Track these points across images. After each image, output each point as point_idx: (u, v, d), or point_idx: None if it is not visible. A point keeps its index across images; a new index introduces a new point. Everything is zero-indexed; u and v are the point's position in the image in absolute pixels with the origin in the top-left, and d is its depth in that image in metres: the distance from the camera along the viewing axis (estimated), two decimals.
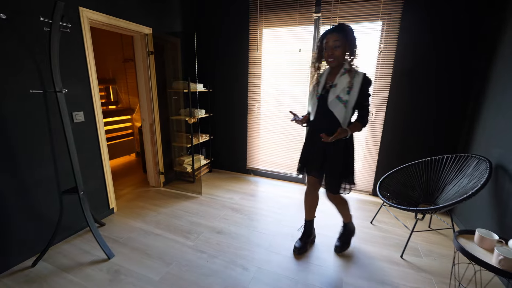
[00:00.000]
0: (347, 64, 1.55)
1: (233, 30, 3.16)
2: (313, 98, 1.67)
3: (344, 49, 1.52)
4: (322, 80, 1.65)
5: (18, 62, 1.62)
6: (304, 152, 1.85)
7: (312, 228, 2.02)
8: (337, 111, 1.54)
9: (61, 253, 1.86)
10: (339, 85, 1.54)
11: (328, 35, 1.52)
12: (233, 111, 3.45)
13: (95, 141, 2.21)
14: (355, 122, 1.62)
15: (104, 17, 2.15)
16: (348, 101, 1.52)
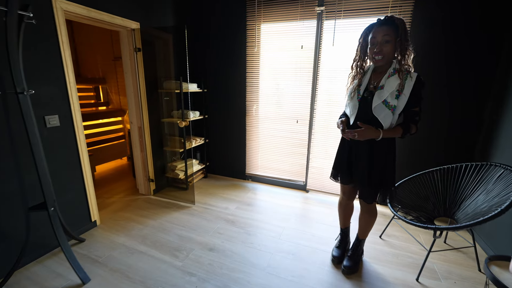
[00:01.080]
0: (397, 63, 1.34)
1: (230, 25, 2.93)
2: (353, 100, 1.46)
3: (395, 45, 1.31)
4: (365, 80, 1.45)
5: None
6: (338, 157, 1.68)
7: (348, 235, 1.89)
8: (382, 117, 1.34)
9: (29, 278, 1.63)
10: (386, 88, 1.33)
11: (375, 28, 1.33)
12: (230, 113, 3.22)
13: (73, 147, 1.98)
14: (396, 126, 1.39)
15: (83, 9, 1.92)
16: (396, 106, 1.32)
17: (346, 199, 1.76)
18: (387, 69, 1.39)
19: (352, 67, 1.54)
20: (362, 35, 1.44)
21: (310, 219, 2.42)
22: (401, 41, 1.30)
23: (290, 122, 2.94)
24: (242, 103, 3.10)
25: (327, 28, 2.52)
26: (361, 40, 1.45)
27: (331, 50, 2.56)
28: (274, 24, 2.75)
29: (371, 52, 1.38)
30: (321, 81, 2.68)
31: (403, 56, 1.32)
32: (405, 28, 1.30)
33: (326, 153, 2.83)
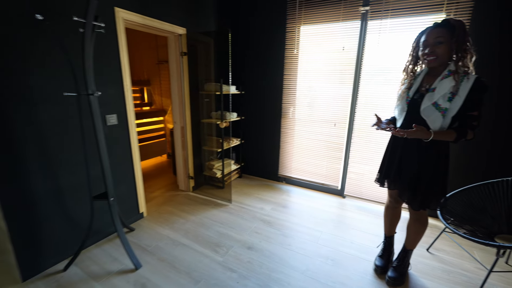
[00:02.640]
0: (452, 65, 1.28)
1: (269, 28, 2.97)
2: (402, 102, 1.43)
3: (450, 46, 1.25)
4: (416, 83, 1.41)
5: (54, 64, 1.60)
6: (384, 161, 1.62)
7: (392, 245, 1.82)
8: (431, 119, 1.29)
9: (91, 258, 1.82)
10: (438, 90, 1.28)
11: (428, 31, 1.31)
12: (266, 115, 3.25)
13: (127, 144, 2.17)
14: (449, 129, 1.32)
15: (139, 17, 2.10)
16: (448, 109, 1.25)
17: (394, 202, 1.68)
18: (442, 71, 1.31)
19: (403, 71, 1.50)
20: (415, 39, 1.42)
21: (348, 225, 2.35)
22: (457, 42, 1.23)
23: (327, 125, 2.88)
24: (278, 106, 3.12)
25: (372, 28, 2.44)
26: (414, 44, 1.43)
27: (375, 51, 2.46)
28: (314, 26, 2.73)
29: (422, 55, 1.33)
30: (363, 83, 2.59)
31: (460, 58, 1.25)
32: (464, 29, 1.23)
33: (366, 158, 2.73)
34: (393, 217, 1.75)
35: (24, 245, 1.59)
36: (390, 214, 1.75)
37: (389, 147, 1.58)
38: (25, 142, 1.52)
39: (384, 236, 1.83)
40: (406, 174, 1.46)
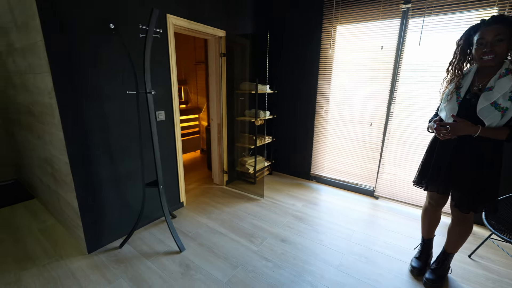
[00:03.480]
0: (509, 63, 1.26)
1: (304, 28, 3.02)
2: (451, 103, 1.40)
3: (509, 44, 1.23)
4: (466, 82, 1.38)
5: (118, 66, 1.83)
6: (426, 162, 1.60)
7: (431, 247, 1.80)
8: (489, 119, 1.26)
9: (141, 239, 2.05)
10: (497, 89, 1.25)
11: (483, 28, 1.26)
12: (299, 114, 3.31)
13: (172, 138, 2.37)
14: (502, 126, 1.28)
15: (186, 22, 2.28)
16: (508, 109, 1.22)
17: (435, 205, 1.65)
18: (496, 70, 1.28)
19: (448, 70, 1.47)
20: (462, 37, 1.38)
21: (381, 226, 2.33)
22: None
23: (362, 125, 2.86)
24: (312, 105, 3.16)
25: (413, 26, 2.37)
26: (461, 42, 1.38)
27: (416, 50, 2.40)
28: (351, 25, 2.72)
29: (478, 53, 1.29)
30: (402, 83, 2.53)
31: None
32: None
33: (401, 159, 2.66)
34: (432, 220, 1.72)
35: (90, 222, 1.84)
36: (429, 216, 1.72)
37: (432, 147, 1.56)
38: (93, 133, 1.76)
39: (422, 238, 1.80)
40: (455, 175, 1.42)
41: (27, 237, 2.05)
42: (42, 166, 2.21)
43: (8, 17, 1.80)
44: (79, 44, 1.59)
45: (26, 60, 1.76)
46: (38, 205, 2.57)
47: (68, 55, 1.56)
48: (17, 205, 2.56)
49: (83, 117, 1.69)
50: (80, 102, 1.66)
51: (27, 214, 2.40)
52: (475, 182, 1.36)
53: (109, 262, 1.78)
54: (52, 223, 2.25)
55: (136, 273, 1.69)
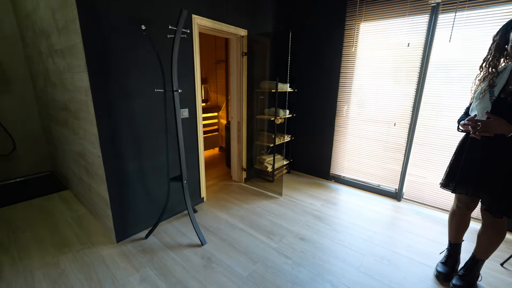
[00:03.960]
0: None
1: (326, 26, 2.98)
2: (483, 101, 1.35)
3: None
4: (501, 81, 1.33)
5: (148, 66, 1.92)
6: (454, 163, 1.54)
7: (458, 253, 1.73)
8: None
9: (165, 231, 2.14)
10: None
11: None
12: (319, 113, 3.28)
13: (194, 135, 2.45)
14: None
15: (210, 22, 2.34)
16: None
17: (463, 209, 1.58)
18: None
19: (481, 67, 1.41)
20: (499, 32, 1.31)
21: (404, 229, 2.26)
22: None
23: (385, 124, 2.78)
24: (333, 104, 3.12)
25: (443, 22, 2.27)
26: (497, 38, 1.32)
27: (445, 47, 2.29)
28: (376, 23, 2.65)
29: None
30: (429, 81, 2.43)
31: None
32: None
33: (428, 161, 2.56)
34: (460, 224, 1.65)
35: (119, 213, 1.95)
36: (457, 221, 1.65)
37: (462, 148, 1.49)
38: (123, 129, 1.86)
39: (449, 243, 1.74)
40: (485, 177, 1.36)
41: (62, 224, 2.22)
42: (75, 159, 2.37)
43: (50, 22, 1.94)
44: (112, 45, 1.69)
45: (65, 60, 1.90)
46: (70, 196, 2.76)
47: (103, 55, 1.66)
48: (52, 195, 2.76)
49: (114, 114, 1.79)
50: (112, 99, 1.76)
51: (61, 204, 2.58)
52: (506, 185, 1.29)
53: (136, 251, 1.88)
54: (84, 213, 2.41)
55: (161, 263, 1.77)
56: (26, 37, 2.69)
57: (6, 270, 1.67)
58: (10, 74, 2.91)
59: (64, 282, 1.57)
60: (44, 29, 2.12)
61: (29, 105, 3.10)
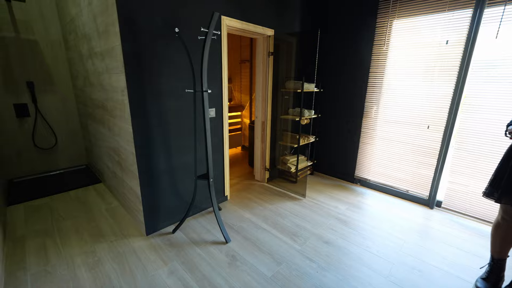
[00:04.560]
0: None
1: (355, 24, 2.88)
2: None
3: None
4: None
5: (181, 67, 1.98)
6: (500, 171, 1.44)
7: (502, 269, 1.59)
8: None
9: (190, 227, 2.21)
10: None
11: None
12: (345, 114, 3.19)
13: (220, 135, 2.49)
14: None
15: (238, 22, 2.36)
16: None
17: (510, 221, 1.45)
18: None
19: None
20: None
21: (438, 239, 2.13)
22: None
23: (417, 127, 2.63)
24: (360, 104, 3.01)
25: (489, 17, 2.09)
26: None
27: (491, 45, 2.11)
28: (410, 19, 2.51)
29: None
30: (471, 82, 2.26)
31: None
32: None
33: (466, 167, 2.39)
34: (506, 238, 1.51)
35: (149, 208, 2.05)
36: (502, 234, 1.52)
37: (510, 155, 1.37)
38: (154, 128, 1.95)
39: (491, 258, 1.60)
40: None
41: (97, 215, 2.37)
42: (110, 155, 2.52)
43: (91, 26, 2.08)
44: (147, 47, 1.77)
45: (104, 62, 2.02)
46: (104, 189, 2.94)
47: (138, 57, 1.74)
48: (88, 187, 2.97)
49: (147, 113, 1.88)
50: (146, 99, 1.84)
51: (96, 196, 2.76)
52: None
53: (164, 245, 1.96)
54: (116, 205, 2.56)
55: (187, 257, 1.83)
56: (69, 40, 2.91)
57: (51, 255, 1.82)
58: (54, 75, 3.16)
59: (100, 270, 1.69)
60: (86, 32, 2.27)
61: (69, 103, 3.35)
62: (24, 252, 1.84)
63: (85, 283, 1.58)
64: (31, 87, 3.01)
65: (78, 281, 1.59)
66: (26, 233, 2.06)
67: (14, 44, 2.84)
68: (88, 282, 1.59)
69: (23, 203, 2.55)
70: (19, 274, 1.64)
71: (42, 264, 1.72)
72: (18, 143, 3.05)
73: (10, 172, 3.05)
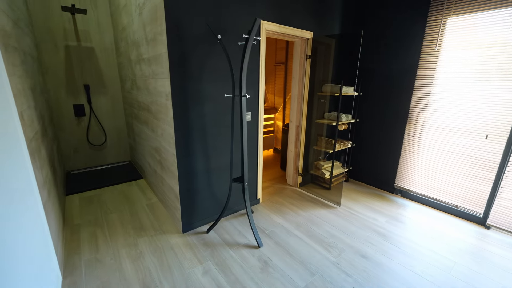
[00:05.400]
0: None
1: (402, 24, 2.68)
2: None
3: None
4: None
5: (221, 72, 2.04)
6: None
7: None
8: None
9: (223, 228, 2.25)
10: None
11: None
12: (386, 119, 2.99)
13: (255, 138, 2.51)
14: None
15: (276, 26, 2.35)
16: None
17: None
18: None
19: None
20: None
21: (495, 264, 1.88)
22: None
23: (472, 136, 2.36)
24: (404, 109, 2.80)
25: None
26: None
27: None
28: (468, 16, 2.25)
29: None
30: None
31: None
32: None
33: None
34: None
35: (186, 206, 2.14)
36: None
37: None
38: (194, 130, 2.03)
39: None
40: None
41: (139, 210, 2.55)
42: (152, 154, 2.69)
43: (141, 34, 2.24)
44: (190, 54, 1.85)
45: (151, 67, 2.16)
46: (145, 185, 3.15)
47: (183, 64, 1.83)
48: (131, 182, 3.21)
49: (188, 117, 1.96)
50: (187, 103, 1.93)
51: (138, 191, 2.97)
52: None
53: (199, 244, 2.03)
54: (156, 201, 2.73)
55: (221, 258, 1.87)
56: (120, 47, 3.17)
57: (101, 244, 2.00)
58: (106, 78, 3.48)
59: (142, 263, 1.81)
60: (135, 40, 2.45)
61: (117, 104, 3.66)
62: (79, 239, 2.05)
63: (128, 274, 1.70)
64: (87, 90, 3.35)
65: (123, 272, 1.72)
66: (81, 222, 2.30)
67: (76, 51, 3.19)
68: (132, 273, 1.71)
69: (78, 194, 2.85)
70: (75, 259, 1.83)
71: (94, 252, 1.90)
72: (75, 139, 3.42)
73: (68, 165, 3.43)
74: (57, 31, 3.03)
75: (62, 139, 3.32)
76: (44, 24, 2.95)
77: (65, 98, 3.23)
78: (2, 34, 1.37)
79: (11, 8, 1.79)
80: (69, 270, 1.72)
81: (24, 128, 1.44)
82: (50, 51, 3.04)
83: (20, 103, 1.47)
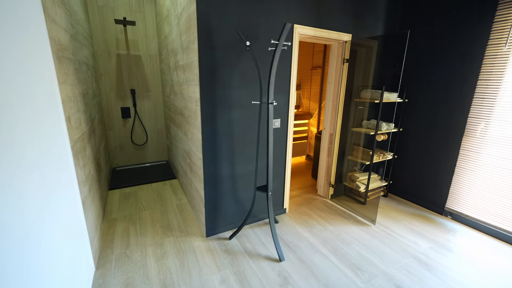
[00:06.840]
0: None
1: (461, 20, 2.33)
2: None
3: None
4: None
5: (249, 79, 2.02)
6: None
7: None
8: None
9: (246, 236, 2.22)
10: None
11: None
12: (436, 129, 2.63)
13: (284, 146, 2.43)
14: None
15: (311, 30, 2.24)
16: None
17: None
18: None
19: None
20: None
21: None
22: None
23: None
24: (460, 119, 2.42)
25: None
26: None
27: None
28: None
29: None
30: None
31: None
32: None
33: None
34: None
35: (210, 210, 2.16)
36: None
37: None
38: (221, 136, 2.04)
39: None
40: None
41: (169, 209, 2.67)
42: (183, 156, 2.80)
43: (178, 42, 2.35)
44: (219, 61, 1.86)
45: (184, 74, 2.25)
46: (177, 185, 3.30)
47: (212, 71, 1.85)
48: (165, 182, 3.40)
49: (216, 122, 1.98)
50: (216, 109, 1.95)
51: (171, 191, 3.13)
52: None
53: (220, 250, 2.03)
54: (185, 202, 2.83)
55: (240, 268, 1.84)
56: (162, 54, 3.40)
57: (132, 240, 2.14)
58: (150, 83, 3.76)
59: (164, 263, 1.87)
60: (174, 48, 2.59)
61: (158, 107, 3.92)
62: (114, 233, 2.23)
63: (151, 273, 1.78)
64: (133, 94, 3.66)
65: (147, 270, 1.80)
66: (118, 217, 2.50)
67: (125, 59, 3.51)
68: (154, 272, 1.78)
69: (119, 189, 3.12)
70: (108, 252, 1.98)
71: (124, 247, 2.04)
72: (121, 138, 3.76)
73: (114, 162, 3.79)
74: (111, 41, 3.38)
75: (110, 137, 3.68)
76: (102, 36, 3.31)
77: (114, 101, 3.58)
78: (58, 47, 1.56)
79: (71, 24, 2.04)
80: (101, 262, 1.87)
81: (70, 131, 1.61)
82: (104, 59, 3.40)
83: (68, 107, 1.64)
